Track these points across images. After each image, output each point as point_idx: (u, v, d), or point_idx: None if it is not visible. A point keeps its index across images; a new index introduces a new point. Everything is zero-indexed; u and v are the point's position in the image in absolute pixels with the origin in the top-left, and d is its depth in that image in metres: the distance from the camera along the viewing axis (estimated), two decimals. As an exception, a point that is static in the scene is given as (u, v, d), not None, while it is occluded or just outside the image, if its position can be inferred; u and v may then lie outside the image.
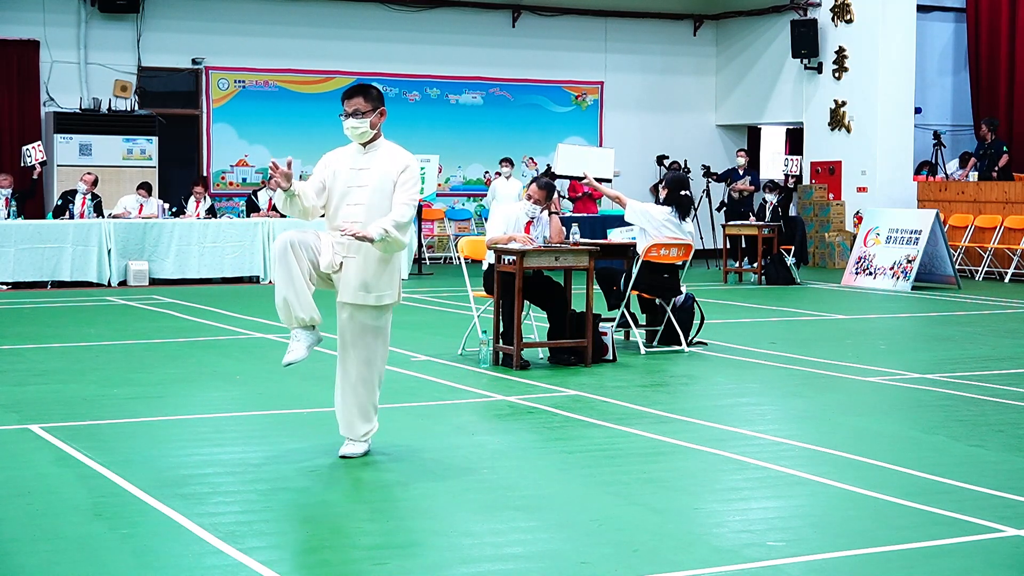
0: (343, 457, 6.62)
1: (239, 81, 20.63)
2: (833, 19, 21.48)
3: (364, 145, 6.57)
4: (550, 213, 10.26)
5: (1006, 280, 18.42)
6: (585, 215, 19.33)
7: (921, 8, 21.70)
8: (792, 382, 9.43)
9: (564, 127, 22.74)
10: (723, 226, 19.15)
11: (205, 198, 18.13)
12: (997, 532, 5.36)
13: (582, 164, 13.42)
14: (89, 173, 17.31)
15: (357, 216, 6.43)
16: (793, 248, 18.08)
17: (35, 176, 17.52)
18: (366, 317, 6.53)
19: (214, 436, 7.08)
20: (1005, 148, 19.99)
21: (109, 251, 16.53)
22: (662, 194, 11.32)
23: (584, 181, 12.26)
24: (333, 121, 6.67)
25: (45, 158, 17.61)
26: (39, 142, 17.75)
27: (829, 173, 21.75)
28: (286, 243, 6.35)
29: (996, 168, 19.77)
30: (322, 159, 6.66)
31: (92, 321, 12.90)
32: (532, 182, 10.38)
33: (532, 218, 10.17)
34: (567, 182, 20.52)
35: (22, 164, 17.59)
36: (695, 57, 23.86)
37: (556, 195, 10.47)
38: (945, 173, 21.03)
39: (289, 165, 6.41)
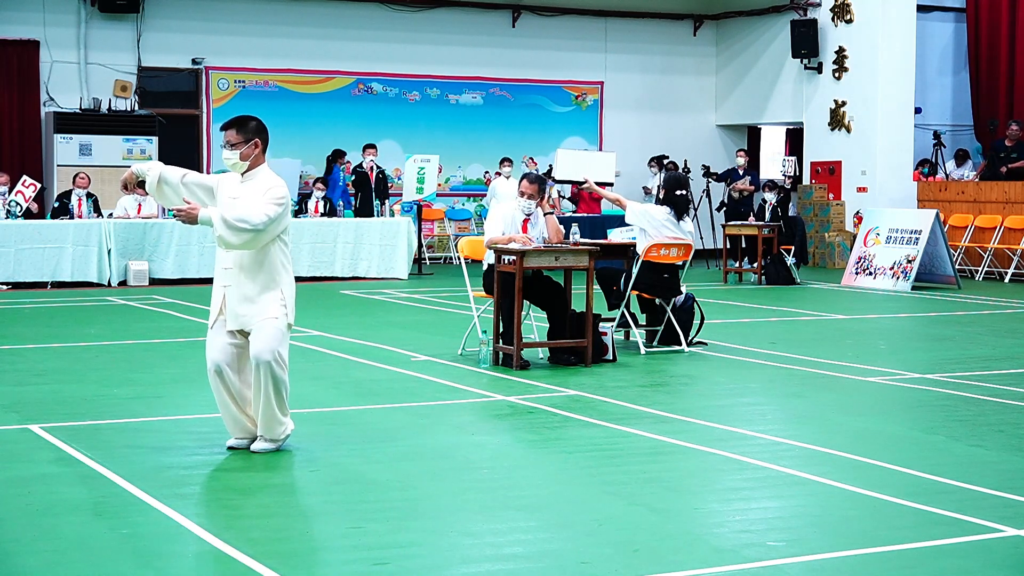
0: (255, 452, 6.69)
1: (239, 81, 20.63)
2: (833, 19, 21.47)
3: (242, 175, 6.78)
4: (545, 214, 10.25)
5: (1006, 280, 18.42)
6: (585, 215, 19.32)
7: (921, 8, 21.69)
8: (792, 382, 9.42)
9: (564, 127, 22.74)
10: (723, 226, 19.15)
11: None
12: (997, 532, 5.36)
13: (582, 168, 13.38)
14: (82, 176, 17.22)
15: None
16: (793, 248, 18.08)
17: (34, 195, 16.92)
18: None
19: (214, 436, 7.07)
20: None
21: (109, 251, 16.52)
22: (660, 194, 11.33)
23: (584, 186, 12.25)
24: (333, 121, 6.68)
25: (37, 187, 17.06)
26: (27, 180, 16.92)
27: (829, 173, 21.75)
28: (212, 372, 6.63)
29: (1007, 166, 19.60)
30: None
31: (92, 321, 12.90)
32: (523, 178, 10.36)
33: (528, 215, 10.17)
34: (567, 185, 20.49)
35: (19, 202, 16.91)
36: (695, 57, 23.85)
37: (557, 195, 10.46)
38: (945, 173, 21.02)
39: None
